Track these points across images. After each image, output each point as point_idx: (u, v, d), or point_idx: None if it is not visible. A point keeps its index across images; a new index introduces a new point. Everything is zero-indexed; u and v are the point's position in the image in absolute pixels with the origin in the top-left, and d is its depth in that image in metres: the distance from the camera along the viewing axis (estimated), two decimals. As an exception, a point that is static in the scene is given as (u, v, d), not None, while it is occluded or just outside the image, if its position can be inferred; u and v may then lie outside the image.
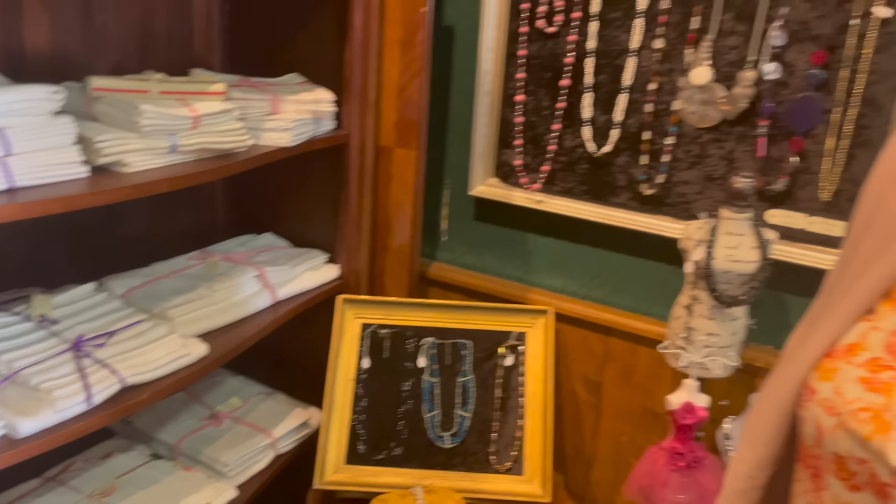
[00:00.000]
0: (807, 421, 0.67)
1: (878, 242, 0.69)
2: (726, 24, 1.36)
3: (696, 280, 1.35)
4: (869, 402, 0.61)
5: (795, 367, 0.69)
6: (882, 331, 0.65)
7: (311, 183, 1.68)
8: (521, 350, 1.62)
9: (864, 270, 0.69)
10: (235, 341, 1.39)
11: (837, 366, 0.65)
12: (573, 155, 1.58)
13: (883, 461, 0.57)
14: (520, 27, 1.56)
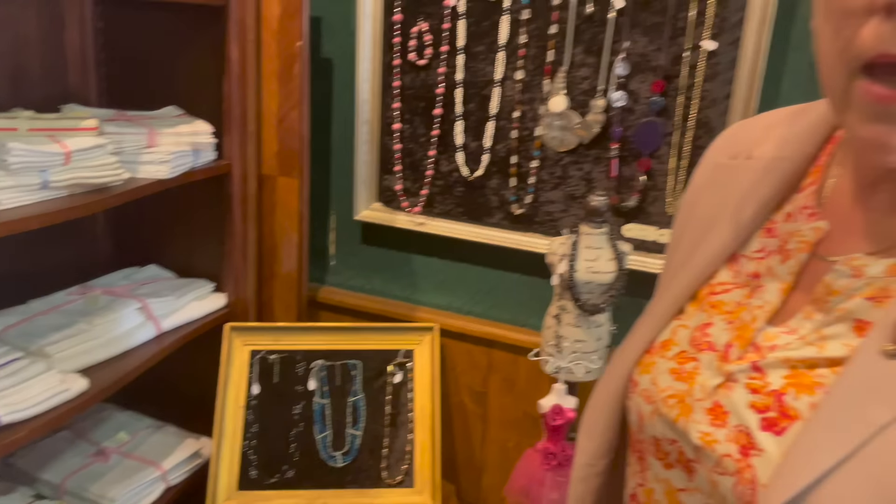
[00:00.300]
0: (631, 410, 0.76)
1: (688, 248, 0.79)
2: (577, 57, 1.49)
3: (562, 291, 1.45)
4: (676, 390, 0.70)
5: (622, 364, 0.79)
6: (688, 328, 0.74)
7: (196, 213, 1.70)
8: (409, 367, 1.69)
9: (676, 274, 0.79)
10: (118, 374, 1.39)
11: (654, 360, 0.74)
12: (449, 179, 1.68)
13: (687, 440, 0.66)
14: (393, 60, 1.64)
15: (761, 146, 0.76)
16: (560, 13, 1.48)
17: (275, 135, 1.67)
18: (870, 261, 0.62)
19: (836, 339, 0.62)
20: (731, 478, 0.61)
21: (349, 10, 1.67)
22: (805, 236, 0.68)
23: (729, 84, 1.39)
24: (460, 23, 1.56)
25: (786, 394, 0.61)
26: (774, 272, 0.70)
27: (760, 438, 0.61)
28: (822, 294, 0.64)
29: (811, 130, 0.73)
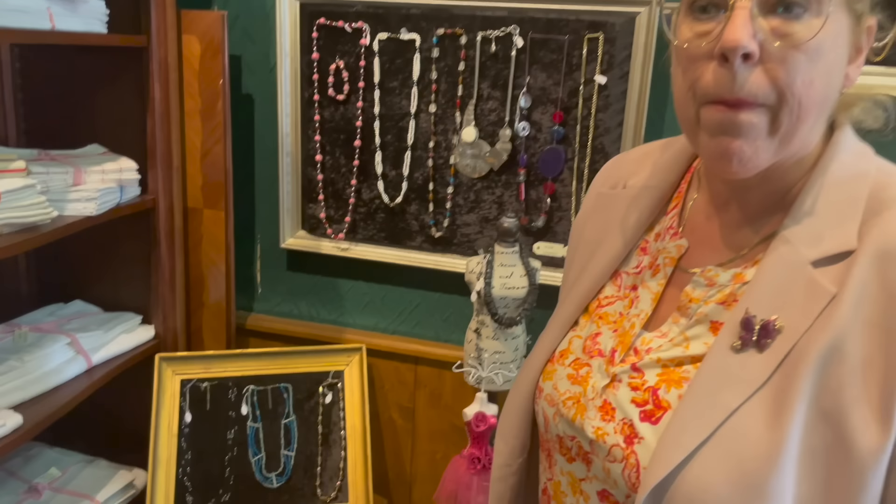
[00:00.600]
0: (539, 414, 0.86)
1: (579, 268, 0.91)
2: (484, 91, 1.62)
3: (481, 307, 1.57)
4: (573, 393, 0.81)
5: (529, 373, 0.89)
6: (581, 337, 0.85)
7: (120, 248, 1.72)
8: (339, 387, 1.76)
9: (570, 291, 0.90)
10: (51, 409, 1.41)
11: (555, 368, 0.85)
12: (371, 206, 1.77)
13: (584, 436, 0.77)
14: (313, 95, 1.73)
15: (634, 177, 0.90)
16: (467, 52, 1.61)
17: (199, 169, 1.73)
18: (720, 271, 0.76)
19: (698, 339, 0.75)
20: (619, 464, 0.73)
21: (268, 49, 1.76)
22: (670, 253, 0.81)
23: (620, 114, 1.55)
24: (375, 60, 1.66)
25: (659, 389, 0.74)
26: (647, 284, 0.82)
27: (641, 428, 0.72)
28: (685, 302, 0.77)
29: (673, 162, 0.87)
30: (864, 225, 0.68)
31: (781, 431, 0.64)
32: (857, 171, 0.72)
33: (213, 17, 1.65)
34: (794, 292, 0.68)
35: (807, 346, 0.66)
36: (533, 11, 1.55)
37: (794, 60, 0.64)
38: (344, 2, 1.65)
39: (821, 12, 0.64)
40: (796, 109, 0.65)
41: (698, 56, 0.67)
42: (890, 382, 0.63)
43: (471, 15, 1.59)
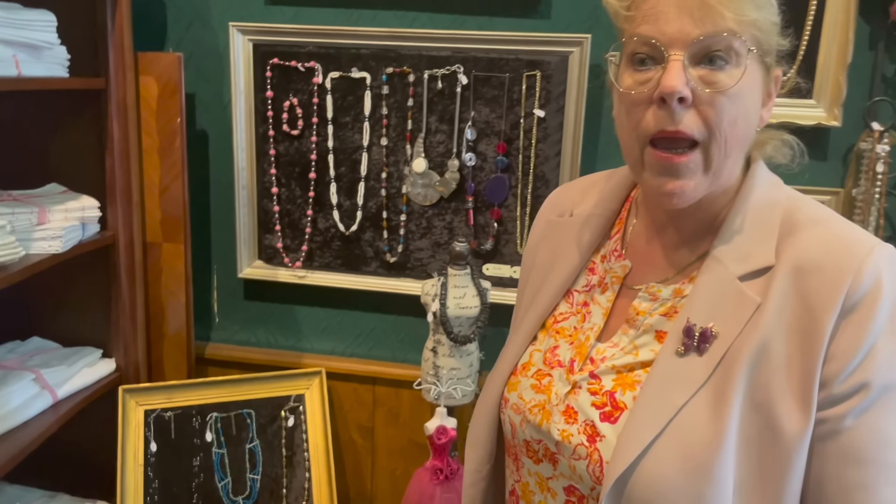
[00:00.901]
0: (505, 422, 0.96)
1: (535, 289, 1.02)
2: (433, 124, 1.74)
3: (437, 326, 1.67)
4: (538, 401, 0.91)
5: (494, 386, 0.98)
6: (541, 351, 0.96)
7: (80, 283, 1.75)
8: (300, 410, 1.83)
9: (528, 310, 1.01)
10: (19, 446, 1.44)
11: (519, 380, 0.95)
12: (327, 234, 1.86)
13: (550, 438, 0.88)
14: (268, 130, 1.81)
15: (580, 206, 1.02)
16: (415, 89, 1.72)
17: (158, 204, 1.78)
18: (662, 287, 0.89)
19: (646, 346, 0.87)
20: (584, 461, 0.84)
21: (222, 88, 1.83)
22: (616, 272, 0.94)
23: (558, 144, 1.69)
24: (328, 97, 1.76)
25: (616, 392, 0.86)
26: (597, 300, 0.94)
27: (601, 428, 0.84)
28: (633, 315, 0.89)
29: (614, 192, 1.00)
30: (780, 244, 0.81)
31: (722, 422, 0.76)
32: (771, 199, 0.85)
33: (169, 58, 1.71)
34: (726, 303, 0.81)
35: (739, 349, 0.78)
36: (475, 51, 1.68)
37: (720, 103, 0.77)
38: (296, 43, 1.75)
39: (739, 64, 0.77)
40: (723, 145, 0.79)
41: (640, 101, 0.80)
42: (808, 376, 0.76)
43: (417, 55, 1.70)
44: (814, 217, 0.83)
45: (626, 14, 0.81)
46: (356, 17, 1.75)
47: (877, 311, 0.76)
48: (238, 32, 1.75)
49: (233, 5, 1.80)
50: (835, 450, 0.76)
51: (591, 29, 1.64)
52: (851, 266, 0.77)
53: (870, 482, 0.76)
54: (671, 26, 0.76)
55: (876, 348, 0.76)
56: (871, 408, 0.76)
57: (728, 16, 0.76)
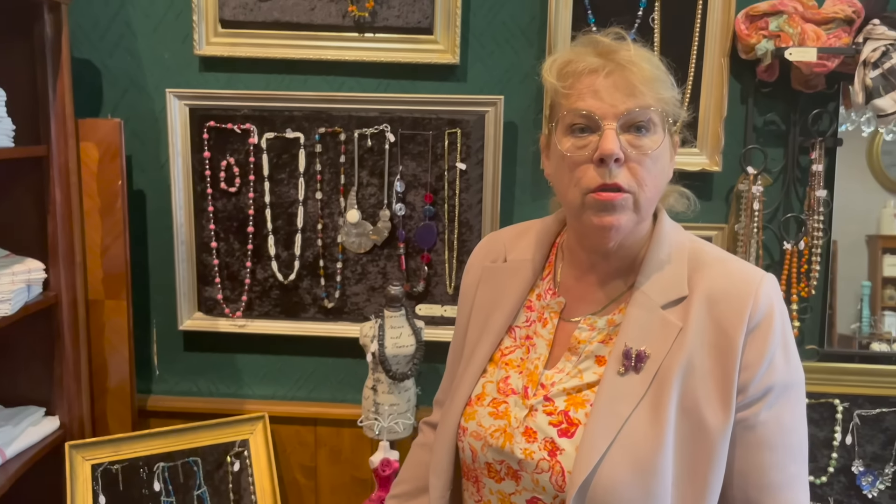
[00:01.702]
0: (464, 449, 1.08)
1: (480, 328, 1.15)
2: (364, 178, 1.88)
3: (376, 366, 1.79)
4: (498, 426, 1.04)
5: (451, 418, 1.11)
6: (493, 382, 1.09)
7: (23, 343, 1.78)
8: (246, 455, 1.90)
9: (476, 347, 1.14)
10: (-29, 507, 1.46)
11: (475, 409, 1.08)
12: (266, 284, 1.96)
13: (513, 458, 1.01)
14: (206, 188, 1.90)
15: (512, 252, 1.18)
16: (346, 146, 1.87)
17: (99, 263, 1.84)
18: (597, 318, 1.06)
19: (588, 370, 1.03)
20: (547, 473, 0.99)
21: (160, 149, 1.92)
22: (553, 308, 1.10)
23: (479, 193, 1.86)
24: (264, 156, 1.88)
25: (569, 411, 1.01)
26: (540, 334, 1.10)
27: (560, 443, 0.99)
28: (574, 344, 1.05)
29: (542, 240, 1.16)
30: (691, 278, 1.01)
31: (660, 427, 0.94)
32: (678, 241, 1.05)
33: (110, 124, 1.80)
34: (653, 328, 0.99)
35: (669, 366, 0.97)
36: (401, 112, 1.84)
37: (644, 162, 0.96)
38: (231, 106, 1.86)
39: (657, 132, 0.97)
40: (648, 194, 0.97)
41: (580, 161, 0.97)
42: (727, 383, 0.96)
43: (347, 115, 1.85)
44: (714, 255, 1.04)
45: (565, 92, 0.99)
46: (288, 82, 1.89)
47: (773, 328, 0.97)
48: (175, 98, 1.86)
49: (168, 71, 1.90)
50: (753, 441, 0.97)
51: (504, 91, 1.84)
52: (750, 293, 0.97)
53: (779, 462, 0.97)
54: (605, 102, 0.96)
55: (776, 358, 0.97)
56: (775, 404, 0.97)
57: (648, 94, 0.96)
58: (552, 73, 1.02)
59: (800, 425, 1.00)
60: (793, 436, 0.99)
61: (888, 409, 1.79)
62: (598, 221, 0.98)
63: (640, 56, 0.98)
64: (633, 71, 0.96)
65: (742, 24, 1.73)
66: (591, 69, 0.98)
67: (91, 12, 1.89)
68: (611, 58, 0.98)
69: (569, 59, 1.01)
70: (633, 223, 0.99)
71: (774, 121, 1.83)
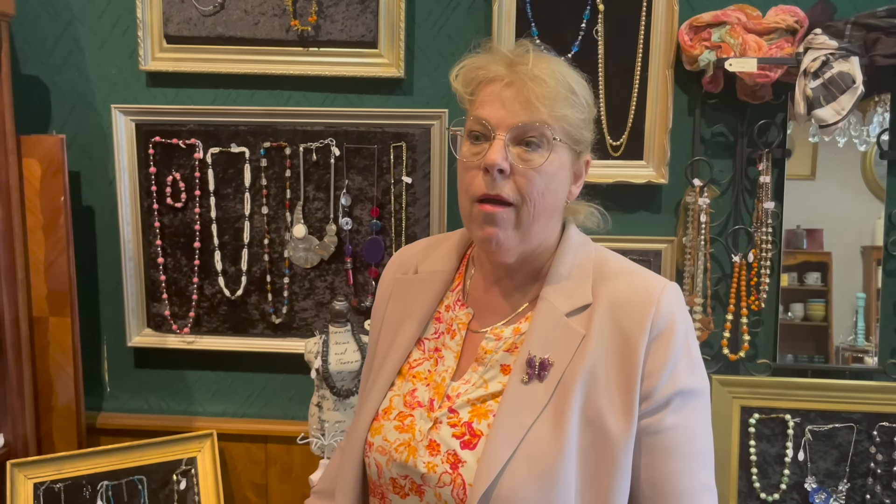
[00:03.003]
0: (370, 465, 1.06)
1: (389, 340, 1.14)
2: (310, 193, 1.87)
3: (320, 382, 1.77)
4: (403, 440, 1.03)
5: (357, 433, 1.09)
6: (400, 395, 1.08)
7: (-36, 361, 1.77)
8: (192, 473, 1.88)
9: (385, 360, 1.12)
10: None
11: (382, 423, 1.06)
12: (214, 300, 1.94)
13: (416, 472, 0.99)
14: (153, 204, 1.90)
15: (423, 264, 1.17)
16: (292, 161, 1.86)
17: (43, 280, 1.83)
18: (503, 328, 1.05)
19: (494, 379, 1.02)
20: (448, 487, 0.97)
21: (107, 165, 1.91)
22: (461, 319, 1.08)
23: (426, 206, 1.85)
24: (209, 171, 1.87)
25: (472, 422, 0.99)
26: (448, 345, 1.08)
27: (462, 455, 0.97)
28: (481, 354, 1.04)
29: (452, 251, 1.16)
30: (595, 287, 1.01)
31: (562, 436, 0.93)
32: (584, 253, 1.05)
33: (52, 140, 1.79)
34: (557, 335, 0.99)
35: (572, 374, 0.96)
36: (346, 125, 1.83)
37: (531, 176, 0.96)
38: (177, 121, 1.86)
39: (550, 149, 0.97)
40: (532, 210, 0.97)
41: (472, 167, 0.98)
42: (629, 391, 0.95)
43: (292, 130, 1.84)
44: (620, 265, 1.04)
45: (469, 98, 1.02)
46: (234, 97, 1.88)
47: (675, 336, 0.97)
48: (120, 113, 1.85)
49: (115, 87, 1.90)
50: (660, 448, 0.95)
51: (449, 104, 1.82)
52: (652, 301, 0.97)
53: (689, 469, 0.96)
54: (499, 112, 0.96)
55: (679, 365, 0.96)
56: (679, 411, 0.96)
57: (543, 110, 0.95)
58: (458, 80, 1.03)
59: (706, 433, 1.00)
60: (700, 443, 0.98)
61: (840, 424, 1.75)
62: (482, 233, 0.98)
63: (547, 72, 0.97)
64: (532, 86, 0.96)
65: (686, 36, 1.71)
66: (491, 78, 0.99)
67: (39, 29, 1.90)
68: (515, 69, 0.98)
69: (475, 66, 1.01)
70: (516, 240, 0.99)
71: (722, 132, 1.81)
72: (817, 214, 1.81)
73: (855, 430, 1.75)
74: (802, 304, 1.83)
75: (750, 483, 1.78)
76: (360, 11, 1.80)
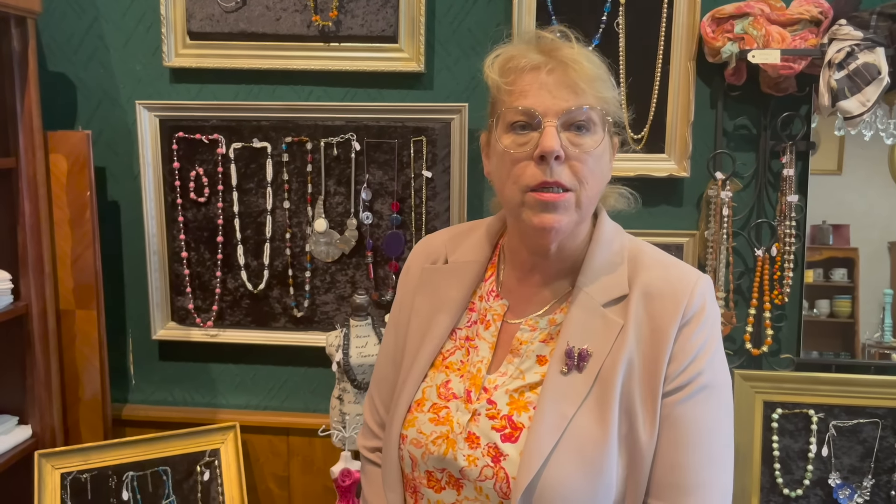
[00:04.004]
0: (404, 458, 1.05)
1: (422, 332, 1.11)
2: (331, 187, 1.88)
3: (341, 375, 1.78)
4: (441, 432, 1.02)
5: (393, 428, 1.07)
6: (433, 386, 1.07)
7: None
8: (216, 464, 1.90)
9: (419, 351, 1.10)
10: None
11: (416, 416, 1.05)
12: (236, 294, 1.96)
13: (455, 466, 0.99)
14: (176, 199, 1.92)
15: (454, 253, 1.15)
16: (313, 155, 1.87)
17: (70, 273, 1.86)
18: (538, 319, 1.04)
19: (530, 370, 1.02)
20: (490, 480, 0.97)
21: (131, 160, 1.94)
22: (496, 311, 1.08)
23: (446, 200, 1.85)
24: (232, 166, 1.89)
25: (512, 415, 0.99)
26: (482, 336, 1.08)
27: (504, 448, 0.97)
28: (516, 345, 1.04)
29: (484, 241, 1.14)
30: (630, 277, 1.01)
31: (606, 425, 0.94)
32: (619, 242, 1.05)
33: (78, 136, 1.82)
34: (595, 326, 0.99)
35: (612, 364, 0.96)
36: (366, 120, 1.84)
37: (585, 160, 0.96)
38: (200, 117, 1.88)
39: (597, 131, 0.97)
40: (589, 191, 0.97)
41: (521, 158, 0.97)
42: (657, 377, 0.95)
43: (313, 125, 1.86)
44: (654, 256, 1.04)
45: (507, 88, 0.99)
46: (256, 92, 1.90)
47: (703, 323, 0.97)
48: (144, 109, 1.88)
49: (140, 84, 1.93)
50: (670, 437, 0.95)
51: (469, 98, 1.82)
52: (686, 290, 0.98)
53: (688, 463, 0.95)
54: (546, 99, 0.95)
55: (701, 352, 0.97)
56: (692, 399, 0.95)
57: (589, 93, 0.96)
58: (494, 69, 1.01)
59: (720, 430, 0.98)
60: (710, 438, 0.96)
61: (865, 419, 1.73)
62: (539, 221, 0.96)
63: (582, 55, 0.98)
64: (576, 69, 0.96)
65: (708, 28, 1.70)
66: (532, 66, 0.97)
67: (65, 26, 1.92)
68: (553, 55, 0.98)
69: (511, 55, 1.00)
70: (574, 223, 0.99)
71: (745, 125, 1.79)
72: (844, 210, 1.79)
73: (880, 425, 1.73)
74: (828, 300, 1.81)
75: (773, 478, 1.76)
76: (381, 6, 1.80)
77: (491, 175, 1.05)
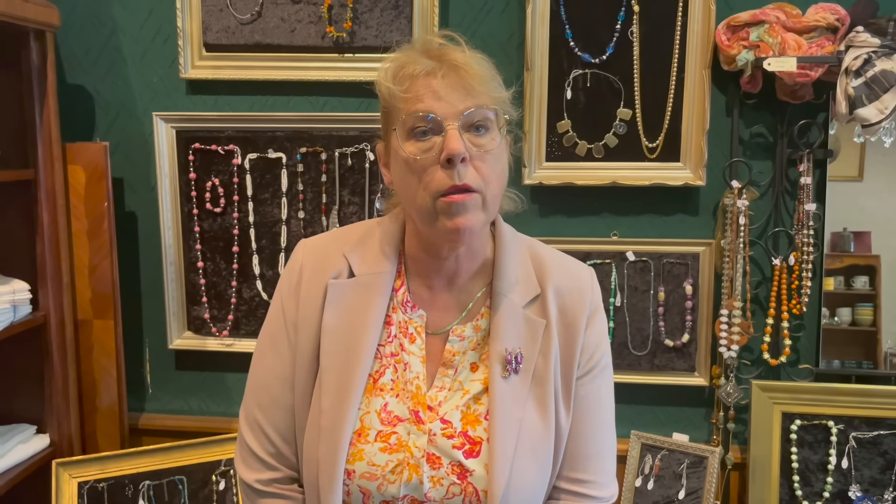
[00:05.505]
0: (351, 493, 0.98)
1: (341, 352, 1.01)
2: (345, 197, 1.89)
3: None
4: (397, 460, 0.97)
5: (332, 461, 0.97)
6: (371, 412, 1.00)
7: (13, 362, 1.83)
8: (231, 474, 1.91)
9: (343, 375, 1.00)
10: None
11: (361, 448, 0.98)
12: (252, 303, 1.97)
13: (419, 491, 0.96)
14: (192, 209, 1.93)
15: (360, 265, 1.06)
16: (327, 166, 1.88)
17: (88, 283, 1.88)
18: (462, 327, 1.04)
19: (468, 380, 1.02)
20: (459, 497, 0.97)
21: (148, 171, 1.96)
22: (417, 322, 1.05)
23: (460, 210, 1.85)
24: (247, 177, 1.90)
25: (467, 431, 0.99)
26: (409, 350, 1.04)
27: (468, 464, 0.97)
28: (449, 357, 1.04)
29: (389, 250, 1.07)
30: (538, 276, 1.06)
31: (548, 418, 1.01)
32: (518, 241, 1.09)
33: (96, 147, 1.84)
34: (521, 328, 1.03)
35: (544, 361, 1.02)
36: (380, 130, 1.84)
37: (487, 159, 0.97)
38: (216, 128, 1.89)
39: (494, 130, 0.98)
40: (494, 190, 0.98)
41: (427, 164, 0.95)
42: (569, 376, 1.03)
43: (328, 135, 1.86)
44: (548, 252, 1.11)
45: (403, 95, 0.97)
46: (271, 103, 1.91)
47: (601, 313, 1.09)
48: (161, 121, 1.90)
49: (157, 95, 1.94)
50: (579, 412, 1.05)
51: (483, 107, 1.82)
52: (587, 284, 1.08)
53: (597, 434, 1.06)
54: (444, 103, 0.95)
55: (603, 338, 1.09)
56: (596, 379, 1.07)
57: (484, 94, 0.97)
58: (388, 78, 1.00)
59: (611, 400, 1.11)
60: (607, 409, 1.09)
61: (886, 431, 1.71)
62: (452, 224, 0.96)
63: (472, 57, 0.99)
64: (468, 71, 0.96)
65: (723, 35, 1.69)
66: (427, 71, 0.97)
67: (83, 39, 1.95)
68: (444, 59, 0.98)
69: (403, 63, 1.00)
70: (482, 223, 1.00)
71: (762, 133, 1.78)
72: (865, 217, 1.77)
73: (901, 437, 1.70)
74: (850, 308, 1.79)
75: (791, 490, 1.74)
76: (395, 17, 1.81)
77: (393, 185, 1.04)
